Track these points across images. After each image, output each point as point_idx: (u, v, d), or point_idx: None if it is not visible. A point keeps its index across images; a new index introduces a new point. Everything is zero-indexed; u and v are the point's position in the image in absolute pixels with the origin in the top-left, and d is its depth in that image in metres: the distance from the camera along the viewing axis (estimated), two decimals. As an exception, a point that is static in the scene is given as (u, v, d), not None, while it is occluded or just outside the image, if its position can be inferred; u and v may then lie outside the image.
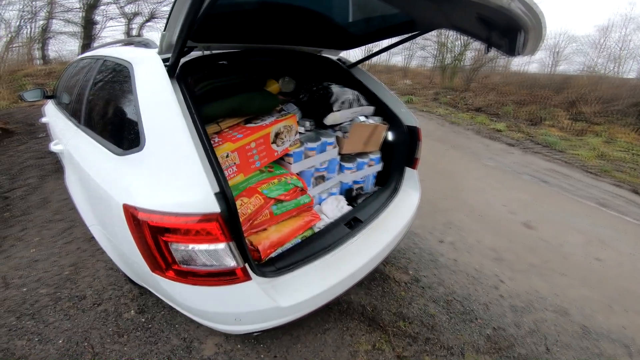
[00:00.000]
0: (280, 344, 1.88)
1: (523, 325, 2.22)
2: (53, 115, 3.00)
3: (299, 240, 1.71)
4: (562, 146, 6.61)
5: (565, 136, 7.44)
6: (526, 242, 3.22)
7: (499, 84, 11.99)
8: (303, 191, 1.65)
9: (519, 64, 14.79)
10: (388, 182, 2.36)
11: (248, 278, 1.24)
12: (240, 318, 1.32)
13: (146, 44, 1.68)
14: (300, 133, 1.98)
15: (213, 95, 1.54)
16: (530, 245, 3.19)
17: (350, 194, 2.31)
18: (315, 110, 2.09)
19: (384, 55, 18.87)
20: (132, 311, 2.11)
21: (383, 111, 2.36)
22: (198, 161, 1.11)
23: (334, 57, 2.48)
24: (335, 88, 2.21)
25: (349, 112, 2.11)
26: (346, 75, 2.44)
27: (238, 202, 1.43)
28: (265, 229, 1.59)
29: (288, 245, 1.65)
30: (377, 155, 2.35)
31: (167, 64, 1.34)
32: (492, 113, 8.99)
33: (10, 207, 3.64)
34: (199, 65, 1.60)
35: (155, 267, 1.22)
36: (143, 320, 2.03)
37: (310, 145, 1.86)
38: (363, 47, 2.63)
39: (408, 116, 2.31)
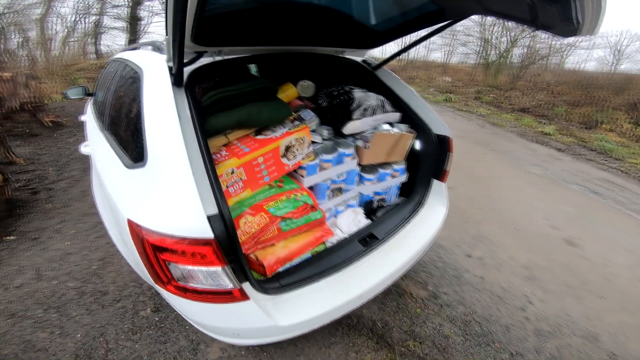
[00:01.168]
0: (284, 354, 1.85)
1: (544, 351, 2.02)
2: (89, 115, 3.10)
3: (309, 256, 1.63)
4: (620, 153, 5.92)
5: (624, 142, 6.67)
6: (566, 261, 2.92)
7: (551, 83, 11.02)
8: (314, 208, 1.54)
9: (575, 62, 13.56)
10: (412, 194, 2.19)
11: (245, 298, 1.21)
12: (239, 333, 1.32)
13: (161, 48, 1.63)
14: (315, 142, 1.87)
15: (221, 106, 1.46)
16: (570, 264, 2.89)
17: (370, 206, 2.17)
18: (334, 117, 1.96)
19: (422, 50, 18.16)
20: (148, 309, 2.15)
21: (410, 118, 2.17)
22: (193, 184, 1.08)
23: (359, 59, 2.32)
24: (357, 93, 2.06)
25: (371, 119, 1.96)
26: (371, 78, 2.28)
27: (242, 221, 1.37)
28: (273, 244, 1.52)
29: (297, 261, 1.59)
30: (402, 166, 2.18)
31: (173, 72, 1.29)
32: (541, 114, 8.27)
33: (53, 199, 3.88)
34: (209, 72, 1.53)
35: (158, 279, 1.22)
36: (157, 319, 2.07)
37: (325, 157, 1.74)
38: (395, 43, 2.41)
39: (438, 124, 2.11)
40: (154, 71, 1.44)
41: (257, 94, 1.53)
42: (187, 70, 1.46)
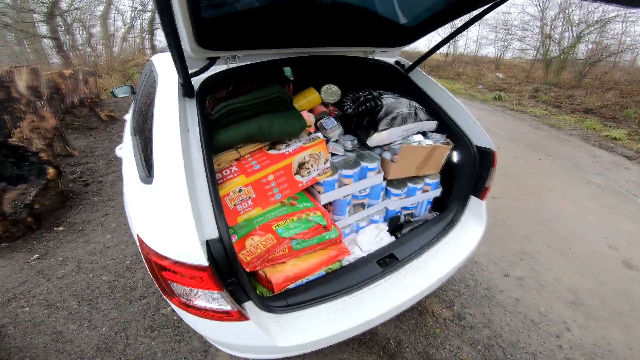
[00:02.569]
0: (290, 365, 1.79)
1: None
2: (129, 115, 3.23)
3: (323, 273, 1.56)
4: None
5: None
6: (620, 285, 2.54)
7: (620, 81, 9.70)
8: (326, 228, 1.42)
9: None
10: (445, 211, 1.97)
11: (245, 319, 1.18)
12: (239, 348, 1.31)
13: None
14: (336, 155, 1.73)
15: (230, 120, 1.38)
16: (625, 288, 2.51)
17: (395, 222, 2.00)
18: (358, 127, 1.81)
19: (471, 45, 16.97)
20: (169, 307, 2.19)
21: (448, 127, 1.95)
22: (189, 208, 1.03)
23: (392, 59, 2.12)
24: (387, 99, 1.88)
25: (400, 129, 1.77)
26: (404, 81, 2.08)
27: (248, 241, 1.31)
28: (284, 262, 1.45)
29: (310, 278, 1.52)
30: (435, 180, 1.97)
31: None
32: (608, 116, 7.28)
33: (101, 192, 4.14)
34: (222, 81, 1.46)
35: (164, 292, 1.22)
36: (175, 318, 2.11)
37: (346, 172, 1.60)
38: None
39: (480, 135, 1.87)
40: (167, 80, 1.40)
41: (268, 106, 1.43)
42: (198, 79, 1.41)
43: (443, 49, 17.51)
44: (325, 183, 1.55)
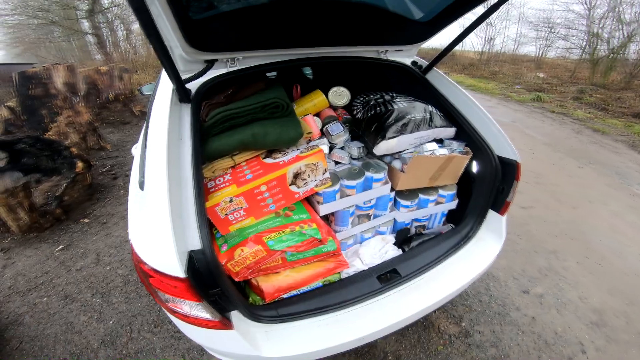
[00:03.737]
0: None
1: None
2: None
3: (320, 284, 1.50)
4: None
5: None
6: None
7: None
8: (322, 242, 1.34)
9: None
10: (461, 224, 1.82)
11: (228, 327, 1.17)
12: (225, 354, 1.30)
13: None
14: (340, 163, 1.64)
15: (224, 126, 1.33)
16: None
17: (404, 234, 1.87)
18: (366, 133, 1.70)
19: (509, 43, 16.03)
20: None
21: (468, 134, 1.79)
22: (168, 219, 1.01)
23: (408, 60, 1.98)
24: (399, 103, 1.76)
25: (411, 137, 1.65)
26: (421, 83, 1.93)
27: (237, 252, 1.25)
28: (278, 272, 1.41)
29: (306, 289, 1.47)
30: (451, 192, 1.83)
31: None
32: (663, 121, 6.57)
33: (127, 186, 4.28)
34: (220, 86, 1.41)
35: (153, 296, 1.21)
36: None
37: (348, 182, 1.50)
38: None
39: (504, 145, 1.70)
40: (166, 83, 1.37)
41: (264, 112, 1.36)
42: (196, 83, 1.37)
43: (477, 47, 16.72)
44: (324, 194, 1.46)
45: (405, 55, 1.96)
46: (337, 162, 1.64)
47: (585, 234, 2.95)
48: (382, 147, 1.59)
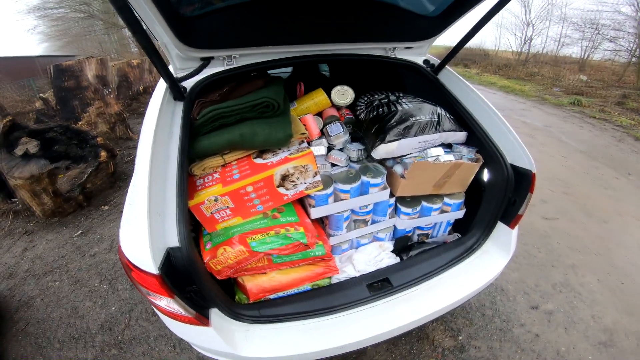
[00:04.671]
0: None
1: None
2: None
3: (308, 288, 1.47)
4: None
5: None
6: None
7: None
8: (308, 246, 1.29)
9: None
10: (466, 235, 1.71)
11: (204, 324, 1.16)
12: (202, 349, 1.31)
13: None
14: (337, 166, 1.58)
15: (214, 125, 1.31)
16: None
17: (405, 241, 1.78)
18: (366, 135, 1.62)
19: (551, 44, 15.09)
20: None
21: (479, 140, 1.67)
22: (145, 216, 1.01)
23: (420, 58, 1.87)
24: (405, 104, 1.66)
25: (415, 141, 1.55)
26: (432, 83, 1.82)
27: (220, 250, 1.24)
28: (265, 273, 1.40)
29: (294, 291, 1.45)
30: (457, 200, 1.71)
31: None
32: None
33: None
34: (214, 84, 1.39)
35: (137, 289, 1.21)
36: None
37: (342, 186, 1.44)
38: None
39: (519, 152, 1.57)
40: (161, 81, 1.37)
41: (254, 112, 1.32)
42: (191, 82, 1.37)
43: (515, 47, 15.89)
44: (316, 197, 1.41)
45: (415, 54, 1.86)
46: (333, 165, 1.58)
47: (611, 250, 2.71)
48: (381, 151, 1.51)
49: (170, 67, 1.38)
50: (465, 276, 1.51)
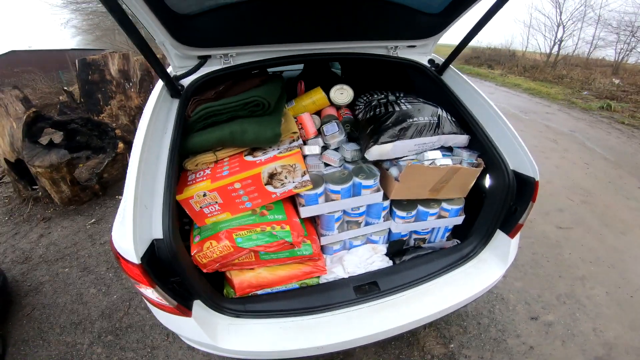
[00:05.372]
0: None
1: None
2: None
3: (297, 286, 1.48)
4: None
5: None
6: None
7: None
8: (293, 245, 1.29)
9: None
10: (464, 243, 1.66)
11: (185, 315, 1.19)
12: (185, 338, 1.34)
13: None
14: (328, 166, 1.56)
15: (206, 123, 1.34)
16: None
17: (399, 245, 1.75)
18: (361, 136, 1.60)
19: (583, 46, 14.37)
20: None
21: (481, 144, 1.61)
22: (131, 209, 1.04)
23: (425, 57, 1.82)
24: (405, 105, 1.63)
25: (411, 143, 1.52)
26: (436, 84, 1.78)
27: (206, 244, 1.26)
28: (253, 269, 1.41)
29: (282, 288, 1.47)
30: (456, 206, 1.67)
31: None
32: None
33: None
34: (211, 82, 1.41)
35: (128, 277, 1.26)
36: None
37: (333, 187, 1.42)
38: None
39: (522, 159, 1.50)
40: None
41: (245, 110, 1.33)
42: (188, 80, 1.39)
43: (545, 48, 15.26)
44: (306, 196, 1.40)
45: (420, 53, 1.81)
46: (327, 164, 1.57)
47: (626, 263, 2.56)
48: (374, 152, 1.48)
49: (171, 66, 1.41)
50: (457, 284, 1.47)
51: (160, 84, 1.37)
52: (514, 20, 24.69)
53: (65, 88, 5.29)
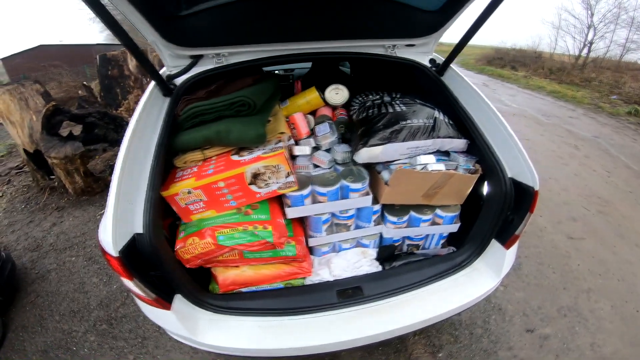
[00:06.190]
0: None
1: None
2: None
3: (281, 286, 1.48)
4: None
5: None
6: None
7: None
8: (274, 246, 1.29)
9: None
10: (458, 251, 1.61)
11: (166, 307, 1.21)
12: (166, 329, 1.33)
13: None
14: (318, 167, 1.55)
15: (194, 122, 1.36)
16: None
17: (391, 250, 1.71)
18: (352, 137, 1.58)
19: (615, 48, 13.64)
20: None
21: (479, 149, 1.56)
22: (112, 203, 1.08)
23: (426, 57, 1.77)
24: (399, 106, 1.60)
25: (403, 146, 1.48)
26: (435, 85, 1.72)
27: (189, 240, 1.28)
28: (237, 266, 1.42)
29: (266, 287, 1.47)
30: (451, 213, 1.62)
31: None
32: None
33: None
34: (202, 82, 1.43)
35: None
36: None
37: (320, 189, 1.41)
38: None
39: (521, 167, 1.42)
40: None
41: (231, 110, 1.33)
42: (180, 79, 1.42)
43: (573, 50, 14.63)
44: (292, 197, 1.39)
45: (420, 52, 1.76)
46: (316, 166, 1.55)
47: (637, 277, 2.42)
48: (363, 155, 1.46)
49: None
50: (445, 294, 1.42)
51: (152, 82, 1.40)
52: (541, 21, 23.70)
53: (84, 83, 5.48)
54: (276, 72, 3.42)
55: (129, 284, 1.15)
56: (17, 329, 1.99)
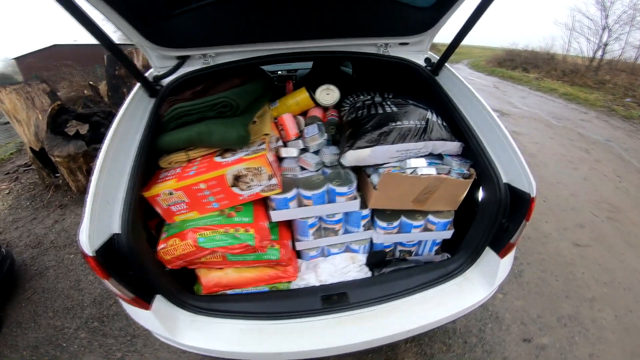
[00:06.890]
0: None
1: None
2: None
3: (266, 289, 1.46)
4: None
5: None
6: None
7: None
8: (255, 249, 1.27)
9: None
10: (451, 259, 1.56)
11: (144, 307, 1.21)
12: (147, 328, 1.31)
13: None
14: (304, 170, 1.52)
15: (177, 123, 1.35)
16: None
17: (381, 256, 1.67)
18: (342, 139, 1.54)
19: (630, 50, 13.23)
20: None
21: (474, 153, 1.51)
22: (90, 204, 1.08)
23: (421, 56, 1.73)
24: (390, 107, 1.56)
25: (392, 148, 1.44)
26: (430, 85, 1.68)
27: (170, 241, 1.26)
28: (222, 268, 1.41)
29: (251, 290, 1.46)
30: (444, 219, 1.57)
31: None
32: None
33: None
34: (189, 83, 1.42)
35: None
36: None
37: (305, 192, 1.38)
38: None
39: (517, 172, 1.36)
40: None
41: (213, 111, 1.32)
42: (167, 80, 1.41)
43: (588, 52, 14.25)
44: (276, 200, 1.37)
45: (414, 51, 1.72)
46: (303, 168, 1.52)
47: None
48: (350, 158, 1.42)
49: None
50: (434, 303, 1.37)
51: (137, 83, 1.40)
52: (554, 22, 23.09)
53: (90, 82, 5.57)
54: (279, 72, 3.40)
55: (106, 283, 1.15)
56: (11, 324, 2.01)
